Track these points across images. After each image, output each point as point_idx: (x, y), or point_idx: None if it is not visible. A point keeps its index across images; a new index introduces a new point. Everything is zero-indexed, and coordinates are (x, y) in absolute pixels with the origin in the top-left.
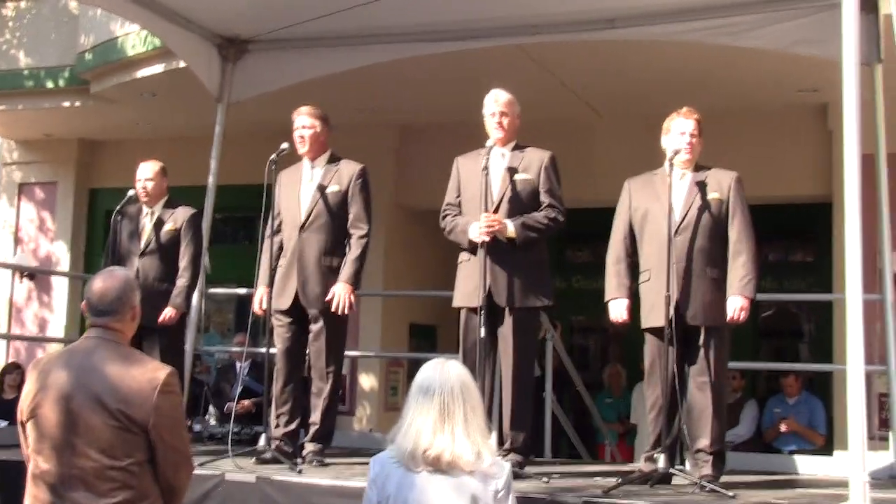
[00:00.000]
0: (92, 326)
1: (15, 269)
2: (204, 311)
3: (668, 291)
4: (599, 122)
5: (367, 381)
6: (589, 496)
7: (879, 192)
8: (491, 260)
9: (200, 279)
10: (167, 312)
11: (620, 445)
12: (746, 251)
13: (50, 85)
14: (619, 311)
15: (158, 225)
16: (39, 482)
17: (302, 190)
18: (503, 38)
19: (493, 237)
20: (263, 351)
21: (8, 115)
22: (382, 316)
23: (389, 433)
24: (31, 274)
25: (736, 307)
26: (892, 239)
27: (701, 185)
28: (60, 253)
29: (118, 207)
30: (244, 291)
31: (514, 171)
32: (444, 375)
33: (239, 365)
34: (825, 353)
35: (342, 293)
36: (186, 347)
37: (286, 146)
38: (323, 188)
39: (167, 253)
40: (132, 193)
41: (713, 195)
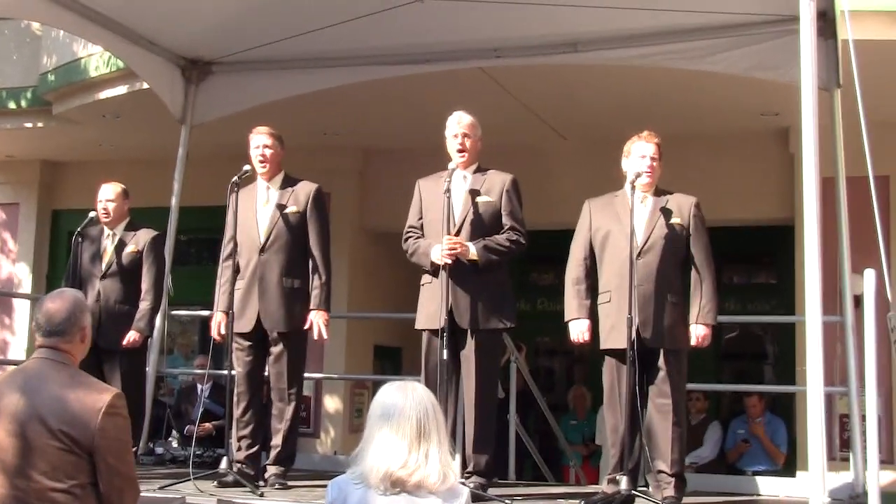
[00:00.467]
0: (40, 347)
1: None
2: (167, 332)
3: (629, 313)
4: (564, 145)
5: (331, 403)
6: None
7: (839, 215)
8: (453, 282)
9: (163, 301)
10: (130, 336)
11: (585, 467)
12: (708, 277)
13: (12, 105)
14: (579, 331)
15: (120, 247)
16: None
17: (259, 211)
18: (465, 61)
19: (455, 259)
20: (225, 373)
21: None
22: (347, 338)
23: (351, 455)
24: None
25: (699, 335)
26: (851, 262)
27: (663, 209)
28: (22, 274)
29: (79, 229)
30: (208, 313)
31: (476, 193)
32: (416, 397)
33: (200, 387)
34: (789, 374)
35: (320, 320)
36: (148, 370)
37: (248, 168)
38: (282, 207)
39: (129, 275)
40: (93, 215)
41: (675, 220)
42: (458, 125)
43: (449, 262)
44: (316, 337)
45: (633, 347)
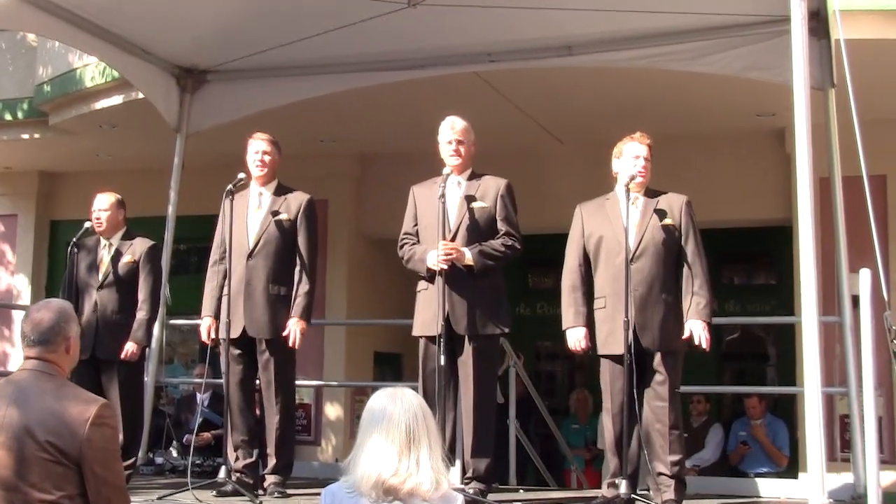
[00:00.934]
0: (26, 358)
1: None
2: (167, 342)
3: (626, 317)
4: (561, 148)
5: (332, 410)
6: None
7: (836, 215)
8: (449, 288)
9: (161, 311)
10: (129, 348)
11: (588, 471)
12: (701, 275)
13: (8, 117)
14: (576, 339)
15: (116, 257)
16: None
17: (250, 216)
18: (459, 66)
19: (450, 265)
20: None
21: None
22: (346, 345)
23: (344, 462)
24: None
25: (698, 331)
26: (849, 261)
27: (656, 210)
28: (21, 286)
29: (74, 239)
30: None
31: (471, 198)
32: (406, 403)
33: (199, 396)
34: (790, 375)
35: (297, 329)
36: (147, 380)
37: (243, 176)
38: (274, 214)
39: (126, 285)
40: (88, 225)
41: (666, 220)
42: (451, 131)
43: (445, 267)
44: (291, 344)
45: (629, 351)
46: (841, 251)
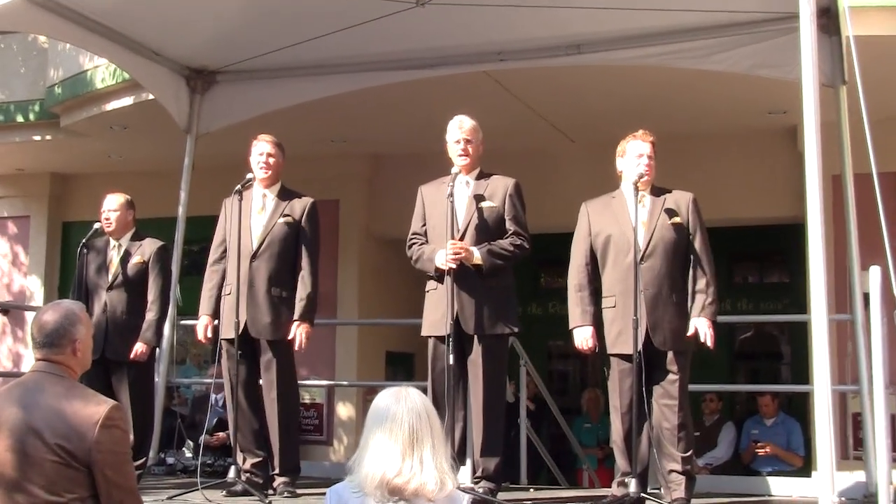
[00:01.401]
0: (37, 360)
1: None
2: (178, 342)
3: (635, 315)
4: (572, 147)
5: (343, 410)
6: None
7: (847, 212)
8: (458, 287)
9: (171, 311)
10: (138, 348)
11: (600, 470)
12: (708, 273)
13: (20, 119)
14: (583, 338)
15: (125, 258)
16: None
17: (253, 218)
18: (468, 65)
19: (459, 264)
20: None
21: None
22: (358, 344)
23: (349, 462)
24: (4, 309)
25: (703, 329)
26: (861, 259)
27: (664, 208)
28: (34, 287)
29: (83, 241)
30: (216, 322)
31: (479, 198)
32: (409, 402)
33: (213, 397)
34: (804, 373)
35: (302, 332)
36: (158, 380)
37: (251, 176)
38: (278, 216)
39: (135, 286)
40: (98, 226)
41: (674, 219)
42: (459, 130)
43: (453, 266)
44: (297, 347)
45: (639, 350)
46: (853, 248)
